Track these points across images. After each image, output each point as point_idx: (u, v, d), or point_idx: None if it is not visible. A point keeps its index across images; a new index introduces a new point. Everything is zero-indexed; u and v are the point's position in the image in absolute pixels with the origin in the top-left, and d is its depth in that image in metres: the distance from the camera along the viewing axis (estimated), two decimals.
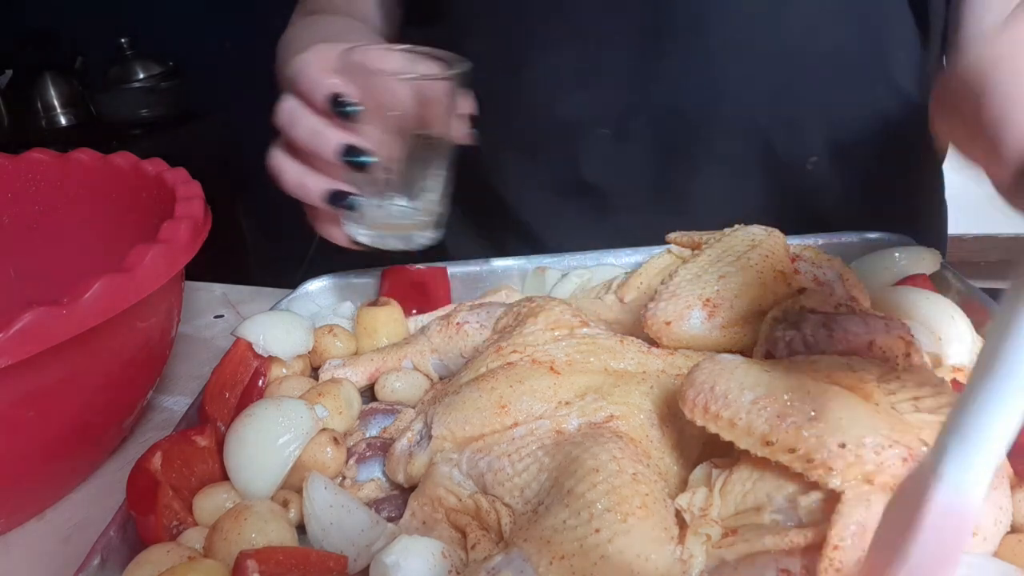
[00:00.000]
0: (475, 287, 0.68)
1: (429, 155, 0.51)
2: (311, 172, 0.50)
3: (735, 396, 0.35)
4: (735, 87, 0.70)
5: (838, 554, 0.31)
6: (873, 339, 0.44)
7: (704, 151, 0.72)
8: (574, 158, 0.75)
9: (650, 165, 0.74)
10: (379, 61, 0.48)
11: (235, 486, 0.44)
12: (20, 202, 0.67)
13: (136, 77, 1.84)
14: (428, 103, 0.48)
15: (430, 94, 0.48)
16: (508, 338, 0.50)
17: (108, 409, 0.52)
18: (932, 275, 0.59)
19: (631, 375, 0.45)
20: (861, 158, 0.75)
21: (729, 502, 0.36)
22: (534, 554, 0.34)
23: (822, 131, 0.72)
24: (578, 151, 0.74)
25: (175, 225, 0.50)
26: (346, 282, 0.68)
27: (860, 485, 0.33)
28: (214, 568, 0.37)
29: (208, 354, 0.71)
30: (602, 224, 0.77)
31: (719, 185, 0.73)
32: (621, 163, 0.74)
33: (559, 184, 0.77)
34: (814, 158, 0.73)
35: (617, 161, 0.74)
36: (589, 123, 0.73)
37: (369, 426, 0.50)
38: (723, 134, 0.71)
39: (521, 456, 0.40)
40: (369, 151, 0.48)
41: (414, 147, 0.50)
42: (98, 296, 0.42)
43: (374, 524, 0.40)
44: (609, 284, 0.60)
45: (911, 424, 0.36)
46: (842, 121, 0.72)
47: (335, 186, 0.49)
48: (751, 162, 0.73)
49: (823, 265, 0.55)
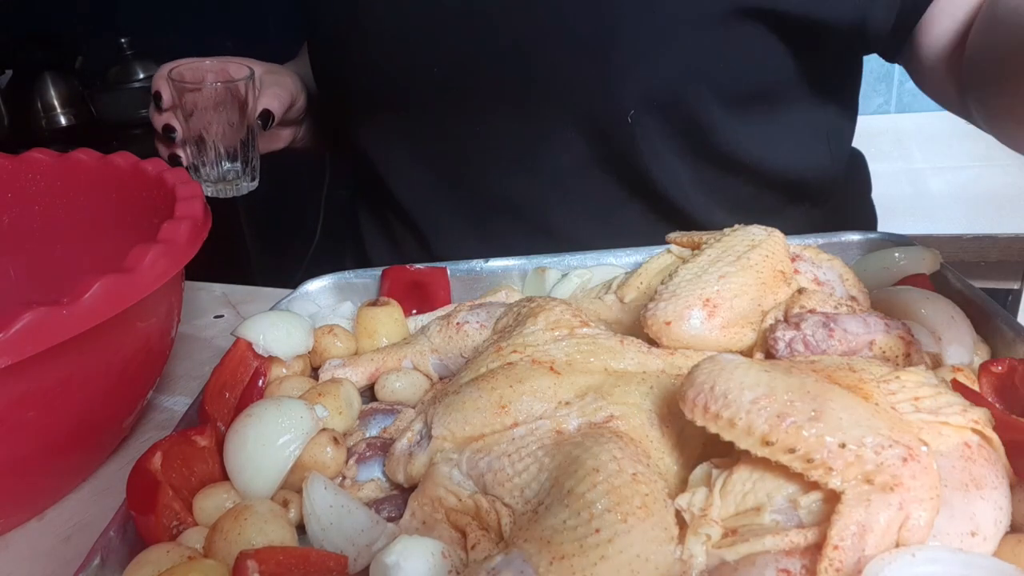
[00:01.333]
0: (475, 287, 0.68)
1: (239, 135, 0.77)
2: (160, 143, 0.80)
3: (735, 396, 0.35)
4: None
5: (838, 554, 0.31)
6: (873, 339, 0.44)
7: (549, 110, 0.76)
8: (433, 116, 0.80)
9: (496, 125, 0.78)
10: (192, 73, 0.74)
11: (235, 486, 0.44)
12: (20, 202, 0.67)
13: (136, 77, 1.84)
14: (227, 100, 0.74)
15: (227, 94, 0.74)
16: (508, 338, 0.50)
17: (108, 409, 0.52)
18: (932, 275, 0.59)
19: (631, 375, 0.45)
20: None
21: (729, 502, 0.36)
22: (534, 554, 0.34)
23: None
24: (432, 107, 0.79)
25: (175, 225, 0.50)
26: (346, 282, 0.68)
27: (860, 485, 0.33)
28: (214, 568, 0.37)
29: (208, 354, 0.71)
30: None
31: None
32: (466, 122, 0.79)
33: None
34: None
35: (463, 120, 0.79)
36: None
37: (369, 426, 0.50)
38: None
39: (521, 456, 0.40)
40: (176, 129, 0.77)
41: (227, 130, 0.76)
42: (98, 296, 0.42)
43: (374, 524, 0.40)
44: (609, 284, 0.60)
45: (911, 424, 0.36)
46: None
47: (171, 151, 0.79)
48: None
49: (823, 265, 0.55)
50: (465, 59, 0.75)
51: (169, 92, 0.76)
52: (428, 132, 0.81)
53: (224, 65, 0.77)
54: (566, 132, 0.76)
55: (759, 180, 0.79)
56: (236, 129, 0.77)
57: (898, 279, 0.58)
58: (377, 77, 0.80)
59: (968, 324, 0.50)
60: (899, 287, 0.56)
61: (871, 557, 0.31)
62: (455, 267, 0.67)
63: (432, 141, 0.82)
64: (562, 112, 0.75)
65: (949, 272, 0.59)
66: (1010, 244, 1.09)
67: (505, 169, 0.80)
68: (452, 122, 0.79)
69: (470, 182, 0.82)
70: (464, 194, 0.83)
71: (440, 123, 0.80)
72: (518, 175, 0.80)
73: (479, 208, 0.83)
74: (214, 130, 0.76)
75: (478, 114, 0.78)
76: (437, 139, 0.81)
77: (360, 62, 0.80)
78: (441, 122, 0.80)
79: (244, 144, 0.78)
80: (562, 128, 0.76)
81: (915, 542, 0.32)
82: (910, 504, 0.32)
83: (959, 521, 0.34)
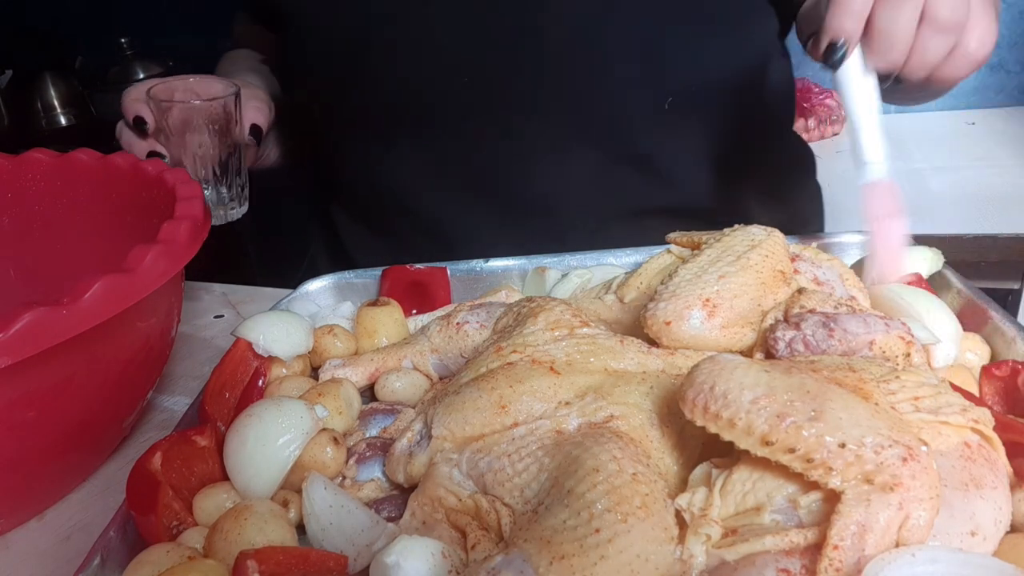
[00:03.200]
0: (475, 287, 0.68)
1: (228, 155, 0.72)
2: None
3: (735, 396, 0.35)
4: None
5: (838, 554, 0.31)
6: (873, 339, 0.44)
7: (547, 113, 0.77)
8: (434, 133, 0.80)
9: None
10: (170, 92, 0.70)
11: (235, 486, 0.44)
12: (20, 202, 0.67)
13: (136, 77, 1.84)
14: (216, 118, 0.70)
15: (214, 112, 0.70)
16: (508, 338, 0.50)
17: (108, 409, 0.52)
18: (932, 275, 0.59)
19: (631, 375, 0.45)
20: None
21: (729, 502, 0.36)
22: (534, 554, 0.34)
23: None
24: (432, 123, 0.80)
25: (175, 225, 0.50)
26: (346, 282, 0.68)
27: (860, 485, 0.33)
28: (214, 568, 0.37)
29: (208, 354, 0.71)
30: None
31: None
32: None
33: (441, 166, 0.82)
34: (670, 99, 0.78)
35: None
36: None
37: (369, 426, 0.50)
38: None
39: (521, 456, 0.40)
40: (164, 154, 0.71)
41: (217, 151, 0.71)
42: (98, 296, 0.42)
43: (374, 524, 0.40)
44: (609, 284, 0.60)
45: (911, 424, 0.36)
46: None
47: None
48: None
49: (823, 265, 0.55)
50: (487, 68, 0.75)
51: (152, 114, 0.69)
52: (451, 141, 0.81)
53: (197, 82, 0.72)
54: (583, 127, 0.78)
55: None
56: (224, 149, 0.71)
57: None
58: (399, 90, 0.78)
59: (957, 325, 0.51)
60: (899, 287, 0.56)
61: (871, 557, 0.31)
62: (455, 267, 0.67)
63: (457, 150, 0.81)
64: (579, 108, 0.77)
65: (949, 272, 0.59)
66: (1010, 244, 1.09)
67: (530, 170, 0.80)
68: (477, 131, 0.79)
69: (498, 186, 0.82)
70: (493, 198, 0.83)
71: (465, 131, 0.79)
72: (545, 176, 0.81)
73: (510, 211, 0.83)
74: (202, 152, 0.70)
75: (503, 119, 0.78)
76: (462, 147, 0.81)
77: (378, 76, 0.78)
78: (466, 130, 0.79)
79: (232, 165, 0.73)
80: (578, 123, 0.78)
81: (915, 542, 0.32)
82: (910, 504, 0.32)
83: (959, 521, 0.34)
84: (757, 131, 0.85)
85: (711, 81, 0.78)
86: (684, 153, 0.81)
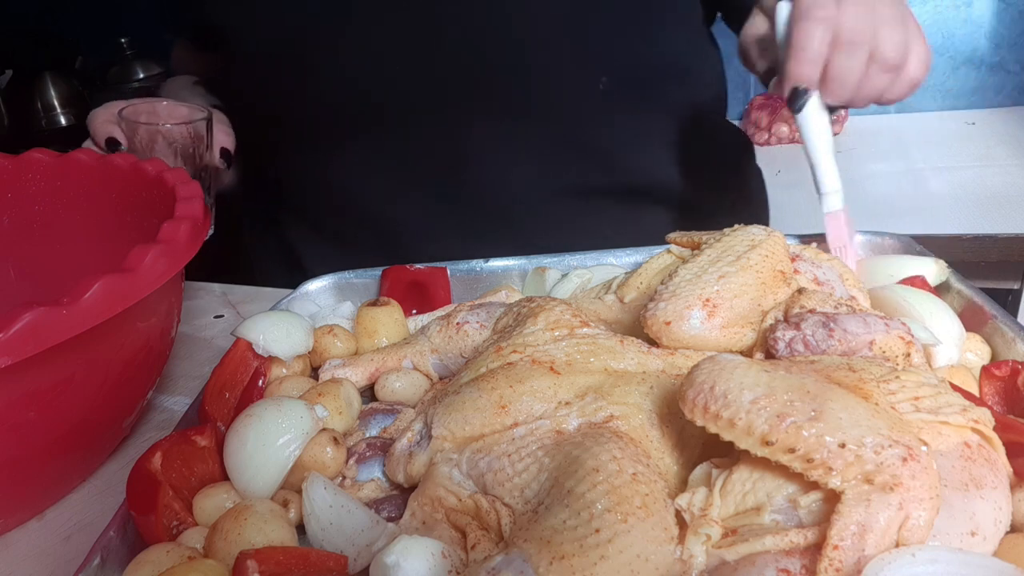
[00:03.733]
0: (475, 287, 0.68)
1: (199, 178, 0.72)
2: None
3: (735, 396, 0.35)
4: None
5: (838, 554, 0.31)
6: (873, 339, 0.44)
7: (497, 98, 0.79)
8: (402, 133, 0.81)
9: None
10: (141, 115, 0.71)
11: (235, 486, 0.44)
12: (20, 202, 0.67)
13: (136, 77, 1.84)
14: (186, 142, 0.71)
15: (184, 135, 0.71)
16: (508, 338, 0.50)
17: (108, 409, 0.52)
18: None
19: (631, 375, 0.45)
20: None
21: (729, 502, 0.36)
22: (534, 554, 0.34)
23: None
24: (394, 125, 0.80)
25: (175, 225, 0.50)
26: (346, 282, 0.68)
27: (860, 485, 0.33)
28: (214, 568, 0.37)
29: (208, 354, 0.71)
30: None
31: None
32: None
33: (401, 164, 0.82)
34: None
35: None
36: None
37: (369, 426, 0.50)
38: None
39: (521, 456, 0.40)
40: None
41: (192, 171, 0.71)
42: (98, 296, 0.42)
43: (374, 524, 0.40)
44: (609, 284, 0.60)
45: (911, 424, 0.36)
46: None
47: None
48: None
49: (823, 265, 0.55)
50: (427, 64, 0.76)
51: (124, 135, 0.69)
52: (397, 140, 0.81)
53: (165, 106, 0.73)
54: (524, 114, 0.80)
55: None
56: (195, 172, 0.71)
57: (898, 279, 0.58)
58: (351, 94, 0.78)
59: (959, 325, 0.51)
60: (899, 287, 0.56)
61: (871, 557, 0.31)
62: (455, 267, 0.67)
63: (403, 147, 0.82)
64: (538, 102, 0.79)
65: (949, 272, 0.59)
66: (1010, 244, 1.09)
67: (475, 161, 0.81)
68: (422, 128, 0.80)
69: (445, 180, 0.83)
70: (441, 192, 0.83)
71: (410, 128, 0.80)
72: (493, 165, 0.81)
73: (457, 203, 0.84)
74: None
75: (450, 116, 0.79)
76: (408, 145, 0.81)
77: (331, 80, 0.78)
78: (411, 127, 0.80)
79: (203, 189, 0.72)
80: (519, 110, 0.79)
81: (915, 542, 0.32)
82: (910, 504, 0.32)
83: (959, 521, 0.34)
84: (690, 115, 0.88)
85: (640, 65, 0.81)
86: (623, 134, 0.84)
